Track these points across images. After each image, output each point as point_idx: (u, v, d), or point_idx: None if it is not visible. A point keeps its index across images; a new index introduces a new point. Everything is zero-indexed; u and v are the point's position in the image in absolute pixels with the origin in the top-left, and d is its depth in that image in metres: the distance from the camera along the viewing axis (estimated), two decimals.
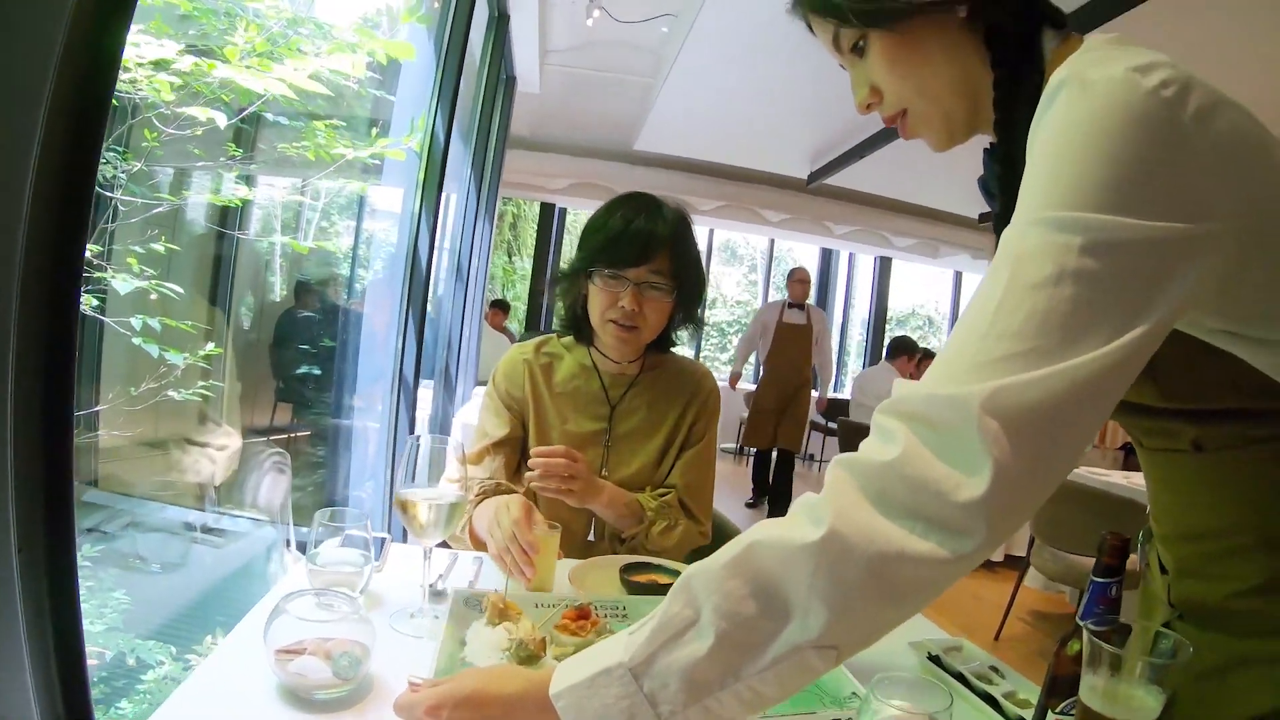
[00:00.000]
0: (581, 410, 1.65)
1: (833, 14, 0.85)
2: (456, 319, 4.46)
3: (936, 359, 0.68)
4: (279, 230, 3.29)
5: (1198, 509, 0.86)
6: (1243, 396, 0.77)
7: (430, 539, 1.16)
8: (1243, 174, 0.68)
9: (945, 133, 0.88)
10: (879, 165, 6.65)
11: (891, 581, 0.64)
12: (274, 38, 2.46)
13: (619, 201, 1.61)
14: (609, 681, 0.70)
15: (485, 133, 4.53)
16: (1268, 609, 0.80)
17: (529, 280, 9.08)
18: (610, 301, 1.55)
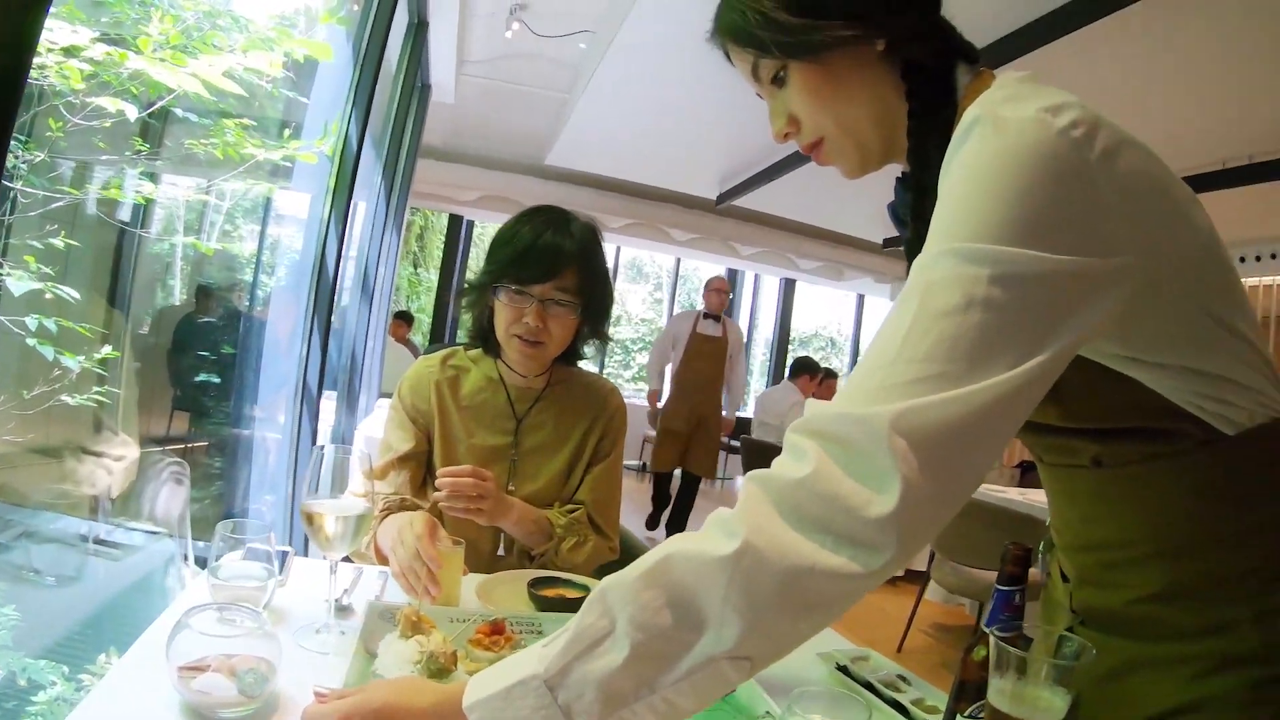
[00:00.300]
0: (487, 424, 1.64)
1: (754, 45, 0.87)
2: (361, 330, 4.35)
3: (847, 382, 0.70)
4: (181, 231, 3.16)
5: (1097, 522, 0.90)
6: (1143, 416, 0.81)
7: (336, 552, 1.14)
8: (1144, 212, 0.72)
9: (859, 161, 0.91)
10: (787, 188, 6.81)
11: (803, 594, 0.65)
12: (189, 30, 2.37)
13: (528, 214, 1.61)
14: (524, 693, 0.70)
15: (398, 141, 4.45)
16: (1164, 615, 0.84)
17: (434, 292, 8.93)
18: (515, 317, 1.54)
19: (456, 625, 1.11)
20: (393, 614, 1.08)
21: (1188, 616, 0.83)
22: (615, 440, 1.71)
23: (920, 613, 4.26)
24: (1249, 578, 0.81)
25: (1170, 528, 0.84)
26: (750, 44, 0.87)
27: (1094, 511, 0.90)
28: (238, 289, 3.35)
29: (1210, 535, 0.82)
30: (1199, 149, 4.51)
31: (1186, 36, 3.49)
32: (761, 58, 0.88)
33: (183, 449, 2.87)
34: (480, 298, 1.62)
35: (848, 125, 0.88)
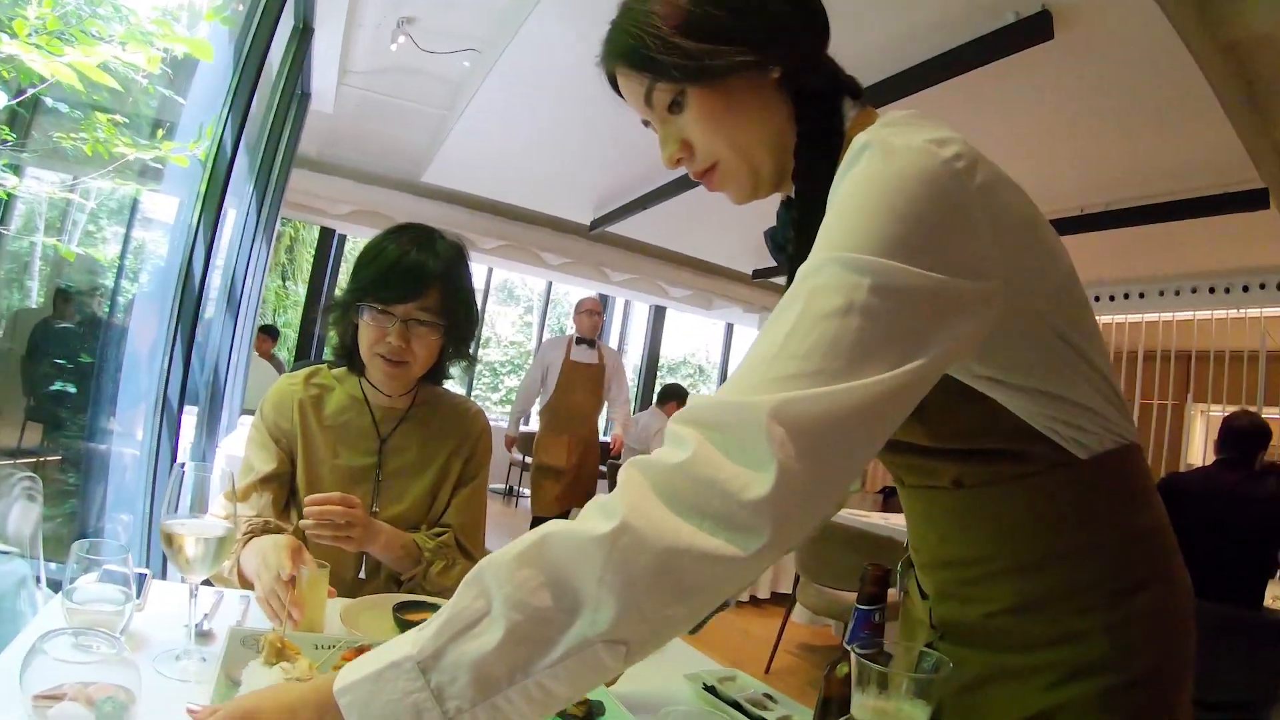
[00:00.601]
0: (351, 444, 1.62)
1: (651, 69, 0.88)
2: (226, 343, 4.13)
3: (730, 376, 0.72)
4: (41, 230, 2.93)
5: (954, 540, 0.96)
6: (1002, 438, 0.88)
7: (197, 574, 1.10)
8: (1014, 244, 0.79)
9: (751, 187, 0.95)
10: (661, 217, 6.95)
11: (680, 576, 0.65)
12: (68, 16, 2.23)
13: (394, 232, 1.60)
14: (397, 675, 0.68)
15: (273, 148, 4.28)
16: (1018, 627, 0.90)
17: (302, 307, 8.57)
18: (378, 336, 1.53)
19: (322, 652, 1.09)
20: (256, 640, 1.05)
21: (1040, 628, 0.89)
22: (481, 463, 1.72)
23: (787, 634, 4.39)
24: (1096, 590, 0.87)
25: (1022, 544, 0.90)
26: (648, 68, 0.88)
27: (951, 531, 0.96)
28: (99, 295, 3.13)
29: (1060, 551, 0.89)
30: (1061, 195, 4.94)
31: (1052, 92, 3.84)
32: (658, 82, 0.89)
33: (35, 462, 2.66)
34: (345, 315, 1.60)
35: (742, 150, 0.91)
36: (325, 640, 1.13)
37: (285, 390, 1.65)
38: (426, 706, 0.66)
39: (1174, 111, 3.68)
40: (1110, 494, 0.89)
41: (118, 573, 1.06)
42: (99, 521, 2.78)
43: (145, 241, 3.43)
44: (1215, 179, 4.25)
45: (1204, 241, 5.20)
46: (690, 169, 0.95)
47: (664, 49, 0.86)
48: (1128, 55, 3.31)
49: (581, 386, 5.84)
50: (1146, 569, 0.89)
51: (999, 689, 0.91)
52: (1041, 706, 0.87)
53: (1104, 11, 3.08)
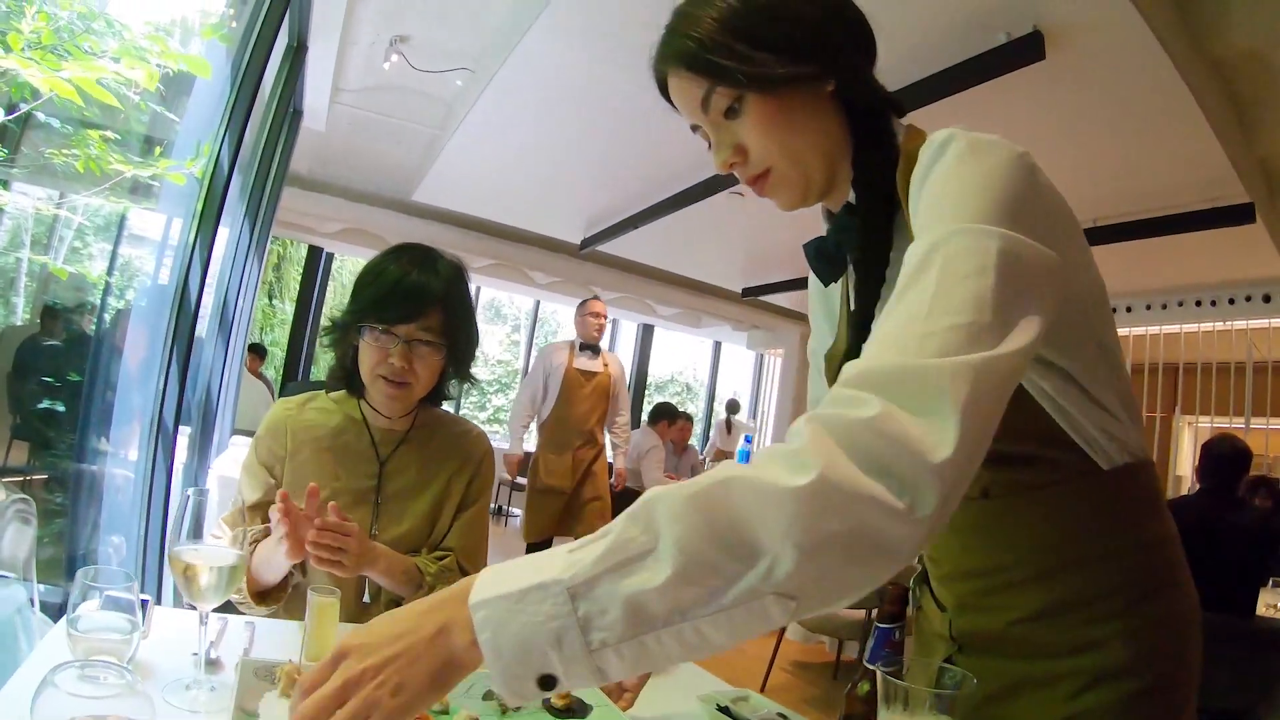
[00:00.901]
0: (350, 467, 1.60)
1: (713, 74, 0.91)
2: (218, 363, 4.10)
3: (873, 342, 0.72)
4: (28, 245, 2.91)
5: (978, 550, 0.98)
6: (1034, 442, 0.90)
7: (208, 603, 1.08)
8: (1066, 237, 0.84)
9: (801, 193, 0.98)
10: (651, 236, 6.98)
11: (868, 539, 0.63)
12: (62, 30, 2.22)
13: (394, 252, 1.59)
14: (542, 598, 0.64)
15: (266, 167, 4.26)
16: (1040, 634, 0.92)
17: (290, 326, 8.52)
18: (380, 358, 1.52)
19: None
20: (270, 671, 1.04)
21: (1062, 634, 0.91)
22: (483, 486, 1.71)
23: (780, 651, 4.37)
24: (1115, 596, 0.90)
25: (1045, 553, 0.93)
26: (710, 72, 0.91)
27: (974, 541, 0.98)
28: (88, 312, 3.10)
29: (1080, 558, 0.92)
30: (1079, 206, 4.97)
31: (1043, 112, 3.89)
32: (719, 86, 0.91)
33: (21, 481, 2.62)
34: (344, 337, 1.59)
35: (797, 157, 0.94)
36: None
37: (280, 415, 1.63)
38: (569, 636, 0.63)
39: (1161, 128, 3.73)
40: (1129, 504, 0.93)
41: (121, 599, 1.03)
42: (90, 544, 2.74)
43: (138, 259, 3.41)
44: (1202, 194, 4.31)
45: (1191, 256, 5.26)
46: (742, 174, 0.97)
47: (728, 55, 0.89)
48: (1116, 74, 3.36)
49: (585, 398, 5.18)
50: (1161, 576, 0.93)
51: (1023, 699, 0.92)
52: (1065, 714, 0.89)
53: (1094, 31, 3.12)
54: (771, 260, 8.01)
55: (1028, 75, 3.35)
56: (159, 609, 1.28)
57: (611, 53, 4.02)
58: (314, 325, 8.05)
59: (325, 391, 1.69)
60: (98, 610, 1.02)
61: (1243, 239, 4.62)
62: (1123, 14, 2.93)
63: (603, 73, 4.25)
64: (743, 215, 6.27)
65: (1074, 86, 3.58)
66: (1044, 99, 3.75)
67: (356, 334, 1.55)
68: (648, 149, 5.33)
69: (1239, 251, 5.09)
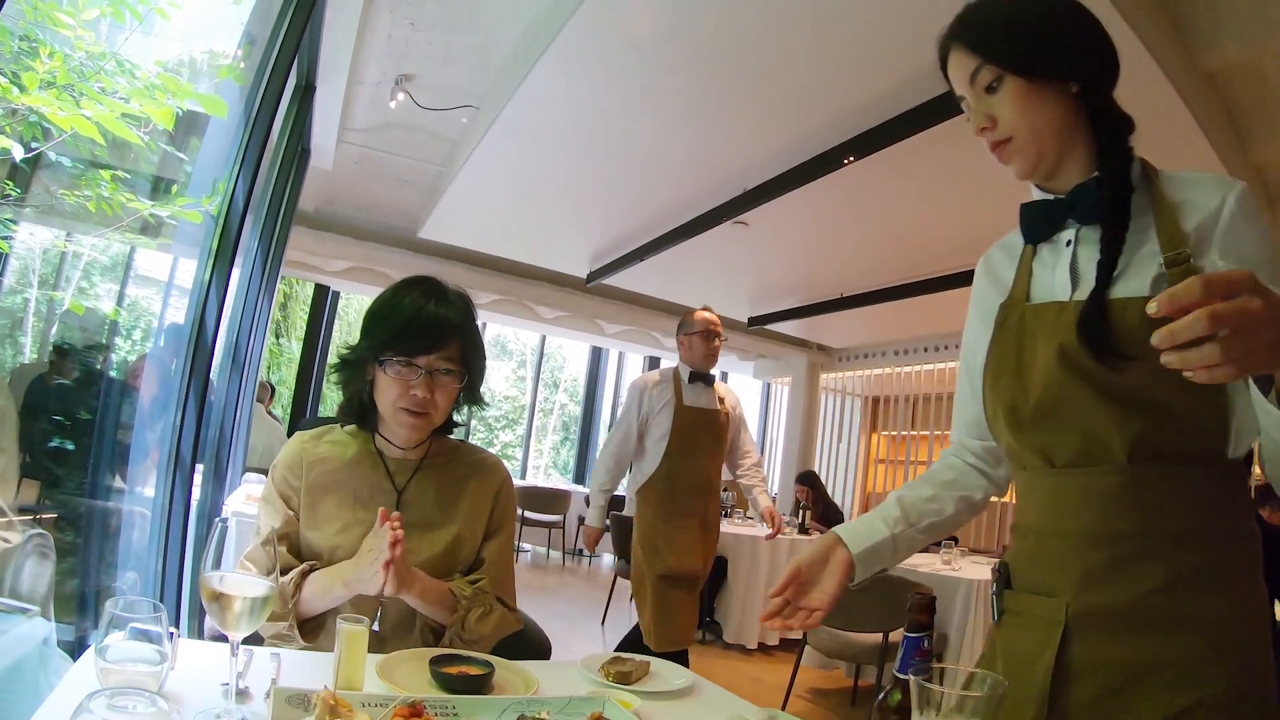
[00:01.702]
0: (367, 499, 1.61)
1: (986, 53, 1.12)
2: (231, 400, 4.12)
3: None
4: (35, 284, 2.94)
5: (1116, 515, 1.04)
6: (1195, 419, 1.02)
7: (240, 632, 1.08)
8: None
9: (1034, 164, 1.14)
10: (656, 268, 7.04)
11: None
12: (77, 69, 2.27)
13: (404, 287, 1.61)
14: None
15: (276, 206, 4.32)
16: (1168, 605, 0.99)
17: (297, 364, 8.55)
18: (402, 390, 1.54)
19: (374, 710, 1.06)
20: (304, 699, 1.03)
21: (1190, 604, 0.99)
22: (507, 514, 1.72)
23: (798, 679, 4.32)
24: (1239, 571, 1.01)
25: (1178, 519, 1.01)
26: (982, 52, 1.12)
27: (1113, 507, 1.04)
28: (100, 351, 3.13)
29: (1208, 530, 1.01)
30: None
31: None
32: (986, 64, 1.12)
33: (32, 520, 2.62)
34: (358, 373, 1.61)
35: (1038, 133, 1.12)
36: (374, 698, 1.10)
37: (296, 449, 1.65)
38: None
39: (1156, 142, 3.68)
40: (1245, 491, 1.06)
41: (149, 630, 1.03)
42: (104, 580, 2.74)
43: (150, 299, 3.45)
44: None
45: None
46: (989, 138, 1.15)
47: (999, 41, 1.11)
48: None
49: (704, 444, 3.86)
50: (1256, 565, 1.04)
51: (1136, 692, 1.00)
52: (1181, 705, 0.97)
53: None
54: (776, 288, 8.05)
55: None
56: (182, 641, 1.27)
57: (614, 88, 4.09)
58: (321, 364, 8.08)
59: (340, 426, 1.70)
60: (125, 641, 1.02)
61: None
62: (1115, 29, 2.93)
63: (606, 108, 4.32)
64: (747, 245, 6.31)
65: None
66: None
67: (372, 368, 1.58)
68: (651, 182, 5.40)
69: None
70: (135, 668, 1.00)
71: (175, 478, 2.74)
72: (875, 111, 3.92)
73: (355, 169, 6.09)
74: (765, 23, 3.40)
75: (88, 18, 2.24)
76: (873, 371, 10.05)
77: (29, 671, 1.75)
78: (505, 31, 4.09)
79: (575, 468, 11.49)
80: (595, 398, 11.53)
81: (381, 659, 1.30)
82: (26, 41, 2.11)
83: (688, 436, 3.76)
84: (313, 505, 1.60)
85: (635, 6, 3.35)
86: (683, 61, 3.80)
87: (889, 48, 3.45)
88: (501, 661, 1.34)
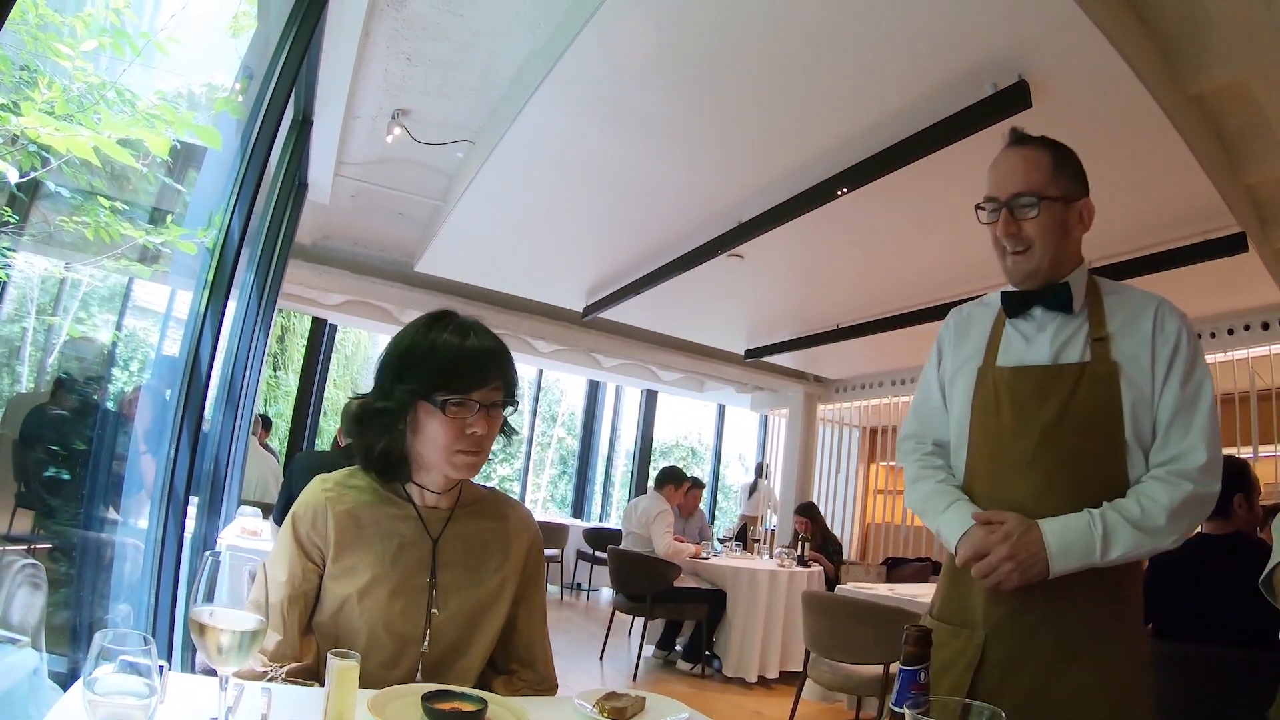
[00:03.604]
0: (397, 554, 1.51)
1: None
2: (226, 433, 4.10)
3: None
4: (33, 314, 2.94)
5: None
6: None
7: (229, 665, 1.07)
8: None
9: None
10: (652, 301, 7.03)
11: None
12: (76, 100, 2.28)
13: (429, 325, 1.52)
14: None
15: (273, 238, 4.34)
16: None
17: (294, 398, 8.52)
18: (458, 430, 1.45)
19: None
20: None
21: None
22: (538, 573, 1.66)
23: (799, 712, 4.26)
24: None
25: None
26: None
27: None
28: (97, 382, 3.12)
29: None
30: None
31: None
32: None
33: (26, 549, 2.60)
34: (394, 421, 1.48)
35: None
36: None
37: (319, 498, 1.54)
38: None
39: (1149, 166, 3.80)
40: None
41: (138, 664, 1.00)
42: (96, 612, 2.71)
43: (146, 330, 3.44)
44: (1194, 227, 4.37)
45: (1188, 289, 5.27)
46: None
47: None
48: (1102, 117, 3.43)
49: None
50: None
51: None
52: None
53: (1078, 76, 3.20)
54: (773, 320, 8.06)
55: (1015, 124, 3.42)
56: (172, 675, 1.25)
57: (609, 122, 4.13)
58: (318, 397, 8.06)
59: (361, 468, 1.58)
60: (114, 674, 0.99)
61: (1237, 269, 4.67)
62: (1105, 58, 3.01)
63: (601, 142, 4.36)
64: (742, 277, 6.33)
65: (1061, 132, 3.60)
66: None
67: (413, 414, 1.47)
68: (646, 215, 5.43)
69: (1235, 281, 5.15)
70: (124, 700, 0.98)
71: (169, 510, 2.72)
72: (867, 143, 3.95)
73: (352, 203, 6.12)
74: (758, 56, 3.44)
75: (86, 49, 2.26)
76: (870, 402, 10.04)
77: (18, 702, 1.72)
78: (501, 67, 4.13)
79: (573, 501, 11.43)
80: (593, 431, 11.51)
81: (373, 695, 1.26)
82: (26, 71, 2.13)
83: None
84: (340, 556, 1.50)
85: (628, 42, 3.40)
86: (676, 95, 3.84)
87: (881, 80, 3.49)
88: (494, 698, 1.31)
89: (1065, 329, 1.56)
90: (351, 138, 4.96)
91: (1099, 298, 1.58)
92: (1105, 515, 1.40)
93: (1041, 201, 1.52)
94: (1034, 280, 1.56)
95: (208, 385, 2.88)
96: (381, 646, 1.46)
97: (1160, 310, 1.53)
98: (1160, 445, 1.46)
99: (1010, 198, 1.55)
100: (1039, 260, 1.54)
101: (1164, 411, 1.47)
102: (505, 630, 1.60)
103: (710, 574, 6.04)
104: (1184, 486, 1.40)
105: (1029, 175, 1.55)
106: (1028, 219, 1.53)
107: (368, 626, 1.46)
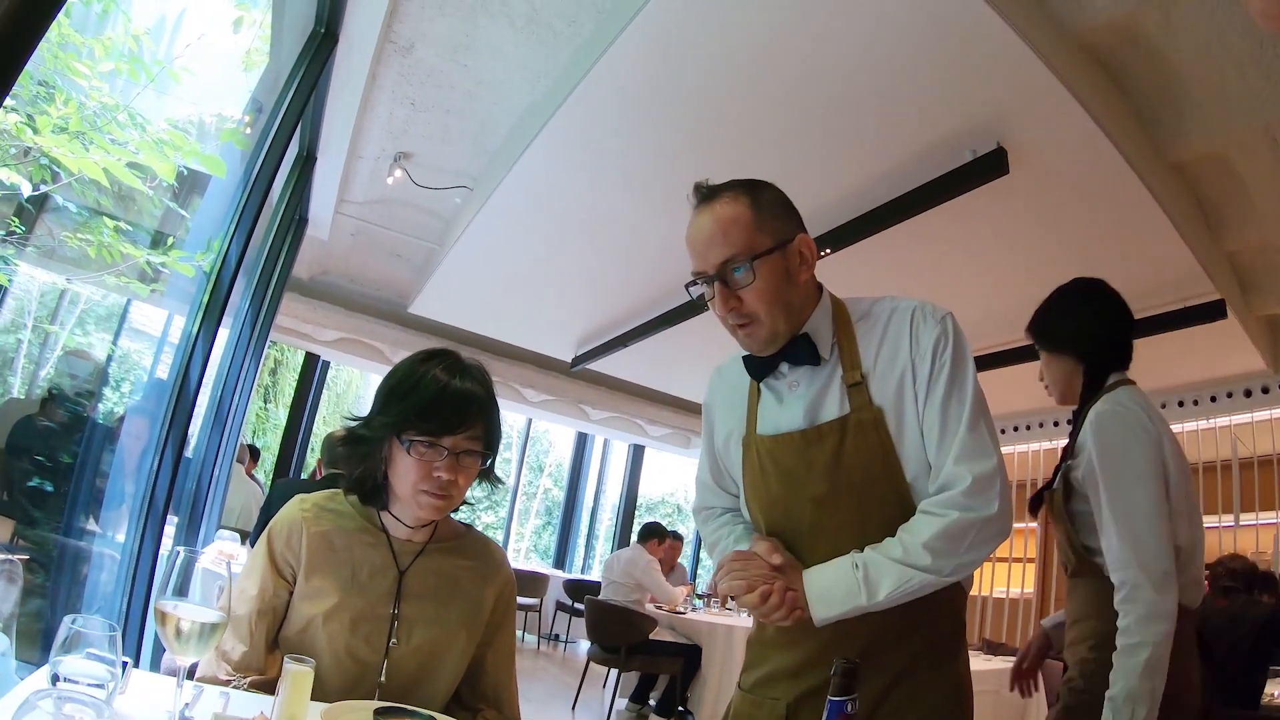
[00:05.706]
0: (364, 582, 1.51)
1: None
2: (210, 457, 4.12)
3: None
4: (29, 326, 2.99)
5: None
6: None
7: (190, 657, 1.10)
8: None
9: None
10: (641, 354, 7.07)
11: None
12: (90, 118, 2.37)
13: (424, 360, 1.50)
14: None
15: (270, 270, 4.41)
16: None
17: (283, 431, 8.50)
18: (424, 472, 1.43)
19: None
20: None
21: None
22: (508, 615, 1.65)
23: None
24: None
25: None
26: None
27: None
28: (87, 398, 3.15)
29: None
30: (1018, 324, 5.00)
31: (1008, 224, 4.12)
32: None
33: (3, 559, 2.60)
34: (373, 450, 1.48)
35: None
36: None
37: (296, 517, 1.53)
38: None
39: (1127, 234, 3.88)
40: None
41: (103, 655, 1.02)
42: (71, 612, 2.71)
43: (139, 351, 3.48)
44: (1173, 295, 4.42)
45: (1168, 357, 5.32)
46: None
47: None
48: (1079, 185, 3.53)
49: None
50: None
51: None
52: None
53: (1055, 144, 3.31)
54: None
55: (992, 189, 3.50)
56: (136, 672, 1.26)
57: (604, 175, 4.24)
58: (307, 431, 8.04)
59: (345, 493, 1.58)
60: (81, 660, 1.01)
61: (1217, 335, 4.71)
62: (1082, 127, 3.11)
63: (594, 194, 4.47)
64: (728, 335, 6.37)
65: (1038, 200, 3.76)
66: (1008, 212, 3.93)
67: (388, 447, 1.47)
68: (637, 268, 5.51)
69: (1216, 349, 5.19)
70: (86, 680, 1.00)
71: (146, 522, 2.73)
72: (849, 206, 4.04)
73: (351, 240, 6.21)
74: (743, 113, 3.54)
75: (104, 70, 2.35)
76: None
77: None
78: (502, 116, 4.25)
79: (555, 552, 11.33)
80: (579, 483, 11.47)
81: (325, 708, 1.26)
82: (44, 87, 2.21)
83: None
84: (309, 577, 1.49)
85: (621, 99, 3.51)
86: (665, 150, 3.94)
87: (862, 146, 3.61)
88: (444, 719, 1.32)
89: (816, 380, 1.42)
90: (354, 177, 5.07)
91: (849, 331, 1.43)
92: (867, 557, 1.30)
93: (754, 261, 1.35)
94: (775, 344, 1.41)
95: (194, 405, 2.91)
96: (343, 670, 1.45)
97: (915, 321, 1.39)
98: (934, 473, 1.33)
99: (718, 268, 1.38)
100: (771, 326, 1.38)
101: (929, 435, 1.34)
102: (473, 670, 1.58)
103: (687, 629, 5.98)
104: (949, 515, 1.28)
105: (730, 235, 1.37)
106: (745, 287, 1.36)
107: (330, 649, 1.45)
